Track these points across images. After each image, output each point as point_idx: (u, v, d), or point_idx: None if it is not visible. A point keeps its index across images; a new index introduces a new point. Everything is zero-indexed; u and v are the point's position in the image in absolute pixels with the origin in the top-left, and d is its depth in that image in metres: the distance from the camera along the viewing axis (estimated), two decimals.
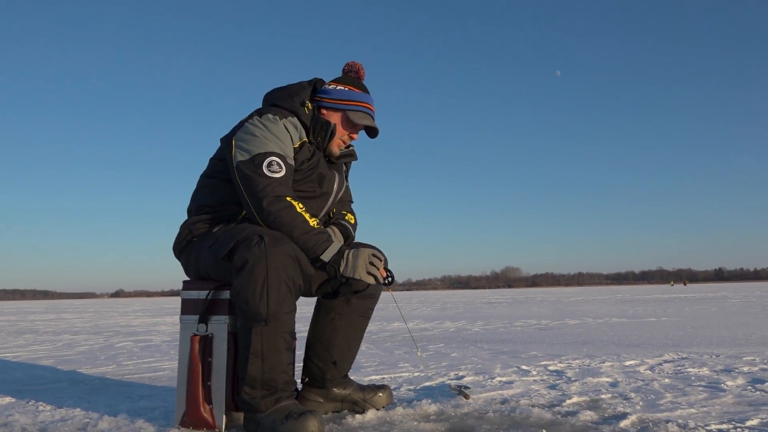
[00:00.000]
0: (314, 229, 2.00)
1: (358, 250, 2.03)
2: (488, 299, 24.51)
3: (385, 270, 2.10)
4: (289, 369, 1.97)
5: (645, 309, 11.51)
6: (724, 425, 1.95)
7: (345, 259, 2.00)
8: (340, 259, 2.00)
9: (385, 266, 2.13)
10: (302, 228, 1.98)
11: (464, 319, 9.61)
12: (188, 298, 2.13)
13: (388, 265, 2.17)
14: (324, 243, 2.00)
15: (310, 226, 1.99)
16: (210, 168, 2.24)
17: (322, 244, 1.99)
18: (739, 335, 5.39)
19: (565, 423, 2.03)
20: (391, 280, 2.12)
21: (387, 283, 2.12)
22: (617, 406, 2.30)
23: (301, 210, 2.01)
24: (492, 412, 2.22)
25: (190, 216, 2.24)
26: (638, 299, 18.53)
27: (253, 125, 2.08)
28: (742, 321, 7.36)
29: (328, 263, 2.00)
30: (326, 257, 2.00)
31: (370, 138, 2.34)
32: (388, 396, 2.35)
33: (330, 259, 2.00)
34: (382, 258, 2.07)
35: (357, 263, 2.00)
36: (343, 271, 2.00)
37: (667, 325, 7.02)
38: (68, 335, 7.86)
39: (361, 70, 2.30)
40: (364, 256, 2.02)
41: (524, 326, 7.43)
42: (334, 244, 2.02)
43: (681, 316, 8.90)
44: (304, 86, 2.25)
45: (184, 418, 2.03)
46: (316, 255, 1.99)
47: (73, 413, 2.39)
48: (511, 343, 5.24)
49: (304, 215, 2.00)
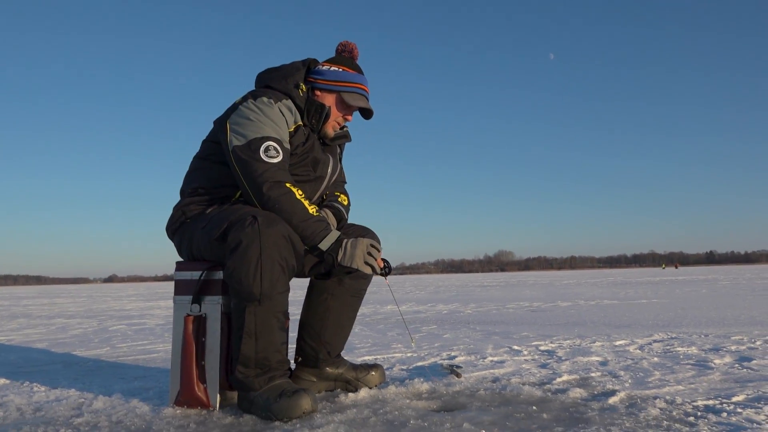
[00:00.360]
0: (313, 217, 2.00)
1: (356, 239, 2.03)
2: (481, 282, 24.63)
3: (382, 260, 2.11)
4: (282, 348, 1.99)
5: (636, 291, 11.61)
6: (711, 401, 1.99)
7: (343, 249, 2.01)
8: (338, 248, 2.01)
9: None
10: (301, 215, 1.98)
11: (457, 301, 9.67)
12: (181, 279, 2.14)
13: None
14: (322, 231, 2.00)
15: (309, 213, 1.99)
16: (203, 150, 2.23)
17: (320, 232, 2.00)
18: (727, 316, 5.45)
19: (555, 400, 2.06)
20: (388, 271, 2.13)
21: (384, 273, 2.13)
22: (606, 384, 2.34)
23: (300, 197, 2.01)
24: (483, 390, 2.25)
25: (183, 197, 2.24)
26: (630, 282, 18.67)
27: (247, 108, 2.06)
28: (731, 302, 7.44)
29: (326, 252, 2.01)
30: (324, 246, 2.00)
31: (364, 119, 2.34)
32: (381, 375, 2.37)
33: (328, 247, 2.00)
34: (380, 248, 2.08)
35: (355, 253, 2.01)
36: (340, 260, 2.01)
37: (657, 306, 7.09)
38: (62, 319, 7.86)
39: (354, 50, 2.28)
40: (362, 246, 2.02)
41: (516, 308, 7.49)
42: (332, 233, 2.02)
43: (671, 297, 8.98)
44: (297, 67, 2.23)
45: (178, 398, 2.05)
46: (314, 243, 2.00)
47: (68, 394, 2.41)
48: (503, 324, 5.28)
49: (304, 202, 2.00)
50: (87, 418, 1.96)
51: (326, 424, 1.78)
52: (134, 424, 1.88)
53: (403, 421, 1.80)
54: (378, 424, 1.79)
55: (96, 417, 1.98)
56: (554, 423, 1.75)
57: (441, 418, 1.81)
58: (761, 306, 6.62)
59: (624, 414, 1.84)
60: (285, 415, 1.84)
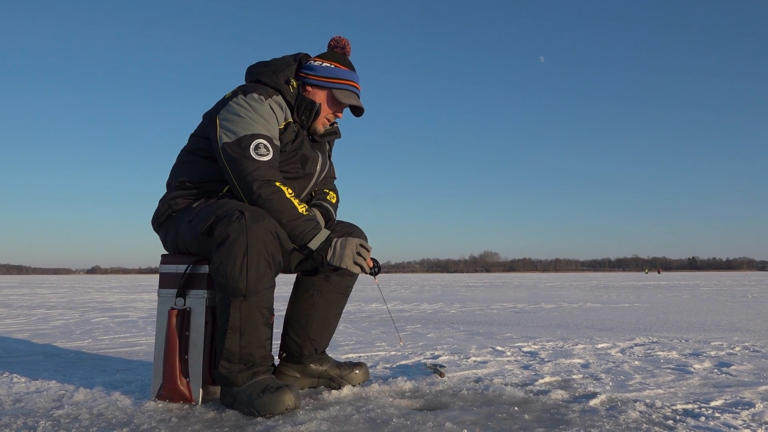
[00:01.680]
0: (303, 216, 1.99)
1: (346, 239, 2.03)
2: (466, 283, 24.71)
3: (371, 260, 2.11)
4: (266, 344, 1.99)
5: (619, 295, 11.71)
6: (690, 405, 2.02)
7: (332, 248, 2.01)
8: (328, 247, 2.01)
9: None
10: (291, 214, 1.97)
11: (442, 301, 9.69)
12: (167, 272, 2.12)
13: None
14: (312, 231, 1.99)
15: (298, 212, 1.99)
16: (191, 144, 2.21)
17: (310, 231, 1.99)
18: (708, 321, 5.52)
19: (537, 401, 2.08)
20: (377, 270, 2.13)
21: (373, 273, 2.13)
22: (588, 386, 2.36)
23: (290, 195, 2.00)
24: (466, 389, 2.26)
25: (169, 191, 2.22)
26: (613, 286, 18.83)
27: (237, 104, 2.04)
28: (712, 308, 7.53)
29: (315, 251, 2.00)
30: (314, 245, 2.00)
31: (355, 117, 2.33)
32: (365, 373, 2.37)
33: (317, 247, 2.00)
34: (369, 248, 2.07)
35: (344, 253, 2.01)
36: (330, 259, 2.01)
37: (639, 310, 7.16)
38: (43, 310, 7.78)
39: (347, 46, 2.28)
40: (352, 246, 2.02)
41: (500, 309, 7.53)
42: (322, 232, 2.01)
43: (653, 302, 9.07)
44: (288, 62, 2.21)
45: (160, 391, 2.04)
46: (304, 242, 1.99)
47: (49, 385, 2.39)
48: (486, 325, 5.31)
49: (293, 201, 2.00)
50: (67, 410, 1.95)
51: (309, 420, 1.78)
52: (115, 417, 1.86)
53: (386, 419, 1.81)
54: (361, 421, 1.79)
55: (77, 409, 1.96)
56: (535, 424, 1.76)
57: (423, 417, 1.82)
58: (741, 312, 6.71)
59: (604, 416, 1.85)
60: (268, 411, 1.83)
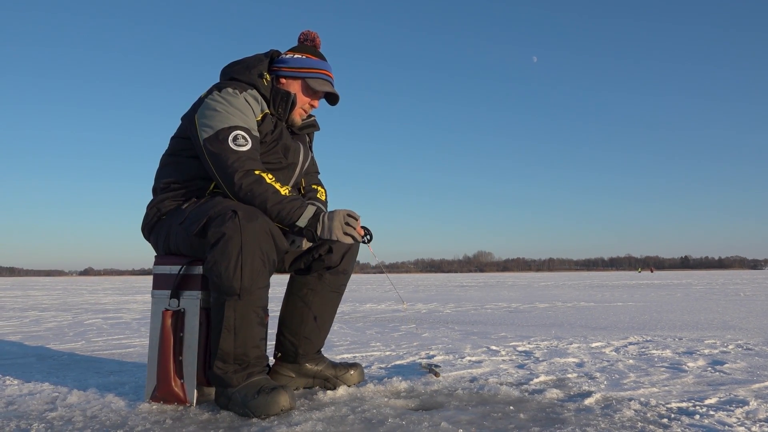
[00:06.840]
0: (286, 197, 2.00)
1: (333, 211, 2.04)
2: (460, 283, 24.75)
3: (362, 228, 2.11)
4: (261, 344, 1.98)
5: (612, 294, 11.75)
6: (684, 403, 2.02)
7: (321, 222, 2.01)
8: (316, 222, 2.01)
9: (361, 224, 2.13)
10: (274, 198, 1.98)
11: (436, 301, 9.70)
12: (160, 273, 2.12)
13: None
14: (298, 209, 2.00)
15: (281, 195, 2.00)
16: (172, 147, 2.21)
17: (296, 210, 2.00)
18: (701, 320, 5.54)
19: (532, 400, 2.08)
20: (370, 238, 2.13)
21: (366, 241, 2.13)
22: (582, 385, 2.36)
23: (270, 180, 2.01)
24: (461, 389, 2.26)
25: (156, 195, 2.22)
26: (606, 285, 18.89)
27: (213, 101, 2.06)
28: (705, 307, 7.57)
29: (304, 228, 2.01)
30: (302, 222, 2.00)
31: (330, 105, 2.35)
32: (360, 374, 2.37)
33: (306, 223, 2.00)
34: (357, 216, 2.07)
35: (333, 224, 2.01)
36: (320, 233, 2.01)
37: (633, 309, 7.19)
38: (36, 312, 7.73)
39: (317, 39, 2.31)
40: (340, 217, 2.03)
41: (495, 309, 7.54)
42: (308, 209, 2.02)
43: (647, 301, 9.11)
44: (260, 58, 2.24)
45: (154, 393, 2.03)
46: (292, 221, 2.00)
47: (42, 387, 2.37)
48: (481, 324, 5.31)
49: (275, 185, 2.00)
50: (61, 413, 1.93)
51: (304, 421, 1.77)
52: (109, 419, 1.85)
53: (381, 419, 1.80)
54: (356, 422, 1.79)
55: (70, 411, 1.95)
56: (531, 423, 1.77)
57: (419, 417, 1.82)
58: (734, 311, 6.74)
59: (599, 415, 1.86)
60: (263, 412, 1.83)
